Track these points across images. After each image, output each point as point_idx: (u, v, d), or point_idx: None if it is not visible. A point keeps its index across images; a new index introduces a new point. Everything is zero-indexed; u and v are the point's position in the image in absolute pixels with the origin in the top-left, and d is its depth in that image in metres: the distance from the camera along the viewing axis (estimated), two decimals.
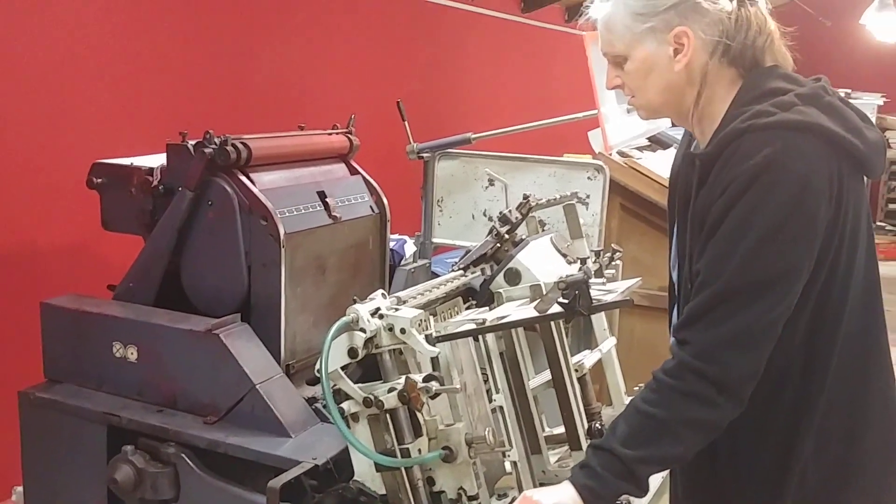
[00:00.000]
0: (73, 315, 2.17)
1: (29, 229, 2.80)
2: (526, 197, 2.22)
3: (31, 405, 2.16)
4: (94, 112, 2.99)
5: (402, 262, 2.80)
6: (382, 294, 1.73)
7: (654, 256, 3.35)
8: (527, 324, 1.85)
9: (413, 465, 1.66)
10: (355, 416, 1.71)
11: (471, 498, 1.71)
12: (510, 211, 2.15)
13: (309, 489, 1.80)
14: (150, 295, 2.21)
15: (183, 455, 1.95)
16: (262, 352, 2.05)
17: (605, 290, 1.84)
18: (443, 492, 1.72)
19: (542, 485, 2.04)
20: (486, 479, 1.86)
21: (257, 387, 1.97)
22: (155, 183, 2.21)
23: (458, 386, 1.67)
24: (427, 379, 1.66)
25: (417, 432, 1.71)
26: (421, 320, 1.68)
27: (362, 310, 1.66)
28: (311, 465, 1.82)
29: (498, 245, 2.10)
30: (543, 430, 2.28)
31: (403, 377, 1.66)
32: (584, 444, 2.08)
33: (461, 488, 1.72)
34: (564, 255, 2.12)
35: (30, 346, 2.26)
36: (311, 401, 2.05)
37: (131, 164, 2.27)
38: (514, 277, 2.02)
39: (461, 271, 2.09)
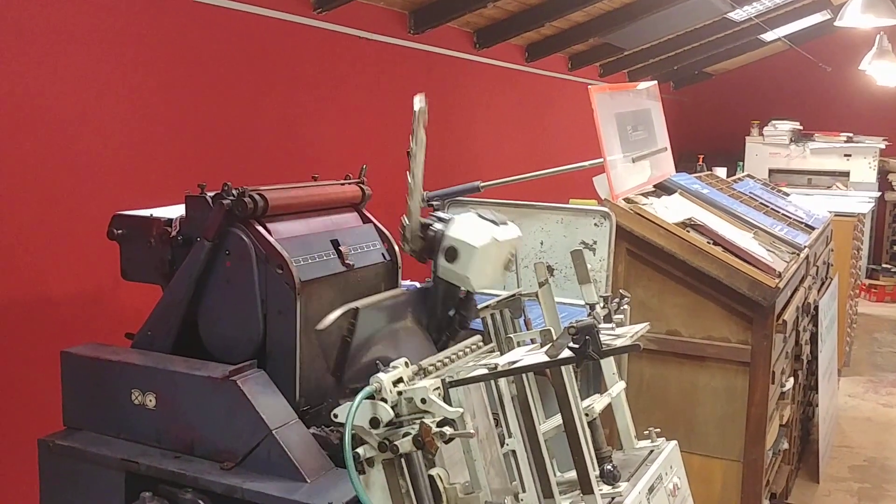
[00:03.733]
0: (92, 363, 2.22)
1: (49, 279, 2.87)
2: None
3: (51, 452, 2.19)
4: (113, 164, 3.08)
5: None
6: (406, 362, 1.78)
7: (661, 301, 3.40)
8: (538, 369, 1.89)
9: None
10: (370, 461, 1.75)
11: None
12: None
13: None
14: (168, 343, 2.26)
15: (200, 501, 1.98)
16: (277, 398, 2.09)
17: (615, 335, 1.88)
18: None
19: None
20: None
21: (273, 432, 2.00)
22: (174, 233, 2.27)
23: (472, 430, 1.70)
24: (441, 423, 1.70)
25: (437, 500, 1.75)
26: (437, 387, 1.73)
27: (386, 380, 1.70)
28: None
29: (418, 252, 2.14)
30: (555, 475, 2.31)
31: (418, 422, 1.70)
32: (596, 487, 2.10)
33: None
34: (493, 220, 2.16)
35: (49, 395, 2.30)
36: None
37: (150, 215, 2.33)
38: (452, 254, 2.06)
39: (481, 341, 2.12)
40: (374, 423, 1.70)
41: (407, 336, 2.27)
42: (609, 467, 2.21)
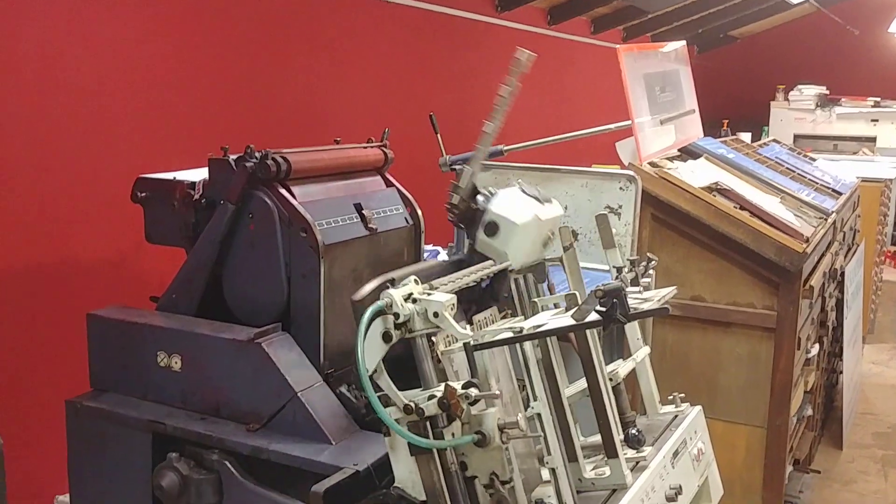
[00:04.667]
0: (118, 325, 2.23)
1: (74, 242, 2.88)
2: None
3: (78, 414, 2.21)
4: (136, 128, 3.07)
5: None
6: (415, 280, 1.75)
7: (686, 266, 3.37)
8: (564, 332, 1.88)
9: (446, 447, 1.68)
10: (396, 423, 1.75)
11: (503, 482, 1.73)
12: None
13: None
14: (193, 305, 2.26)
15: (226, 462, 1.99)
16: (302, 360, 2.10)
17: (642, 299, 1.86)
18: (476, 476, 1.73)
19: (578, 493, 2.07)
20: (524, 487, 1.89)
21: (299, 395, 2.01)
22: (197, 196, 2.26)
23: (497, 391, 1.69)
24: (466, 385, 1.70)
25: (451, 418, 1.73)
26: (453, 304, 1.70)
27: (396, 294, 1.68)
28: (352, 472, 1.85)
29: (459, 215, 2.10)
30: (579, 439, 2.31)
31: (443, 384, 1.69)
32: (621, 451, 2.09)
33: (493, 473, 1.73)
34: (536, 198, 2.13)
35: (77, 357, 2.32)
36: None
37: (174, 178, 2.32)
38: (493, 229, 2.03)
39: (490, 260, 2.10)
40: (387, 336, 1.67)
41: None
42: (634, 431, 2.20)
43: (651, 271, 2.30)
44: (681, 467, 2.33)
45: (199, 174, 2.31)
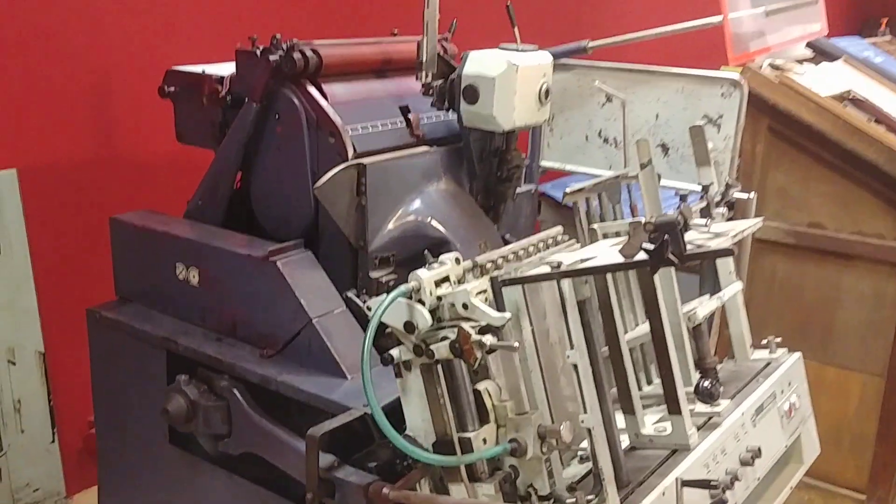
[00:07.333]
0: (139, 232, 2.07)
1: (108, 140, 2.71)
2: None
3: (98, 324, 2.08)
4: (170, 13, 2.81)
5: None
6: (457, 258, 1.50)
7: (804, 188, 2.93)
8: (606, 271, 1.57)
9: (474, 461, 1.47)
10: (407, 365, 1.52)
11: (542, 498, 1.49)
12: None
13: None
14: (219, 214, 2.07)
15: (235, 390, 1.81)
16: (324, 283, 1.87)
17: (711, 234, 1.52)
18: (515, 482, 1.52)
19: (633, 450, 1.79)
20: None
21: (314, 321, 1.79)
22: (223, 93, 2.04)
23: (515, 343, 1.42)
24: (483, 331, 1.43)
25: (483, 419, 1.50)
26: (483, 289, 1.46)
27: (426, 280, 1.43)
28: (360, 414, 1.63)
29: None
30: (640, 389, 2.01)
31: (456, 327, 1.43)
32: (686, 406, 1.79)
33: (531, 486, 1.50)
34: (514, 49, 1.94)
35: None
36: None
37: (203, 71, 2.10)
38: (472, 93, 1.89)
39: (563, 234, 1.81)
40: (409, 327, 1.44)
41: (445, 199, 1.98)
42: (706, 384, 1.88)
43: (733, 198, 1.92)
44: (764, 425, 2.01)
45: (230, 68, 2.08)
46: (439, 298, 1.44)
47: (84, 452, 2.80)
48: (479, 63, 1.87)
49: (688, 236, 1.48)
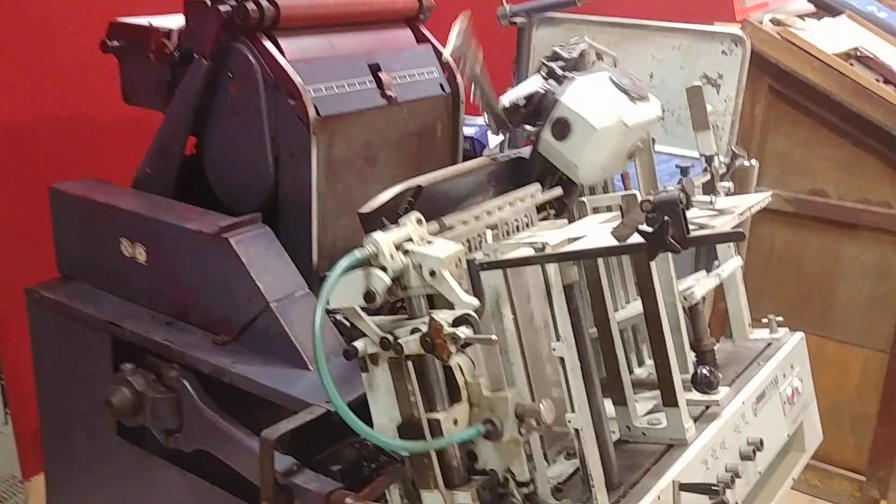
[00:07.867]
0: (80, 203, 1.87)
1: (58, 100, 2.49)
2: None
3: (37, 305, 1.90)
4: None
5: (485, 154, 2.32)
6: (418, 219, 1.32)
7: (807, 151, 2.77)
8: (596, 256, 1.39)
9: (444, 446, 1.30)
10: (374, 358, 1.34)
11: (520, 484, 1.33)
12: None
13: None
14: (169, 184, 1.87)
15: (185, 381, 1.63)
16: (283, 262, 1.68)
17: (714, 212, 1.34)
18: (493, 469, 1.36)
19: (625, 443, 1.64)
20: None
21: (272, 305, 1.60)
22: (171, 48, 1.83)
23: (494, 337, 1.24)
24: (457, 322, 1.25)
25: (454, 397, 1.32)
26: (459, 258, 1.27)
27: (384, 241, 1.25)
28: (321, 412, 1.46)
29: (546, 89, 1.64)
30: (631, 372, 1.84)
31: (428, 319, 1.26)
32: (682, 397, 1.63)
33: (509, 470, 1.34)
34: (626, 92, 1.62)
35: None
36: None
37: (149, 24, 1.89)
38: (563, 129, 1.57)
39: (536, 184, 1.62)
40: (370, 297, 1.26)
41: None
42: (704, 371, 1.72)
43: (739, 165, 1.73)
44: (766, 414, 1.86)
45: (181, 20, 1.87)
46: (406, 253, 1.26)
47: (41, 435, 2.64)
48: (585, 101, 1.58)
49: (689, 214, 1.30)
